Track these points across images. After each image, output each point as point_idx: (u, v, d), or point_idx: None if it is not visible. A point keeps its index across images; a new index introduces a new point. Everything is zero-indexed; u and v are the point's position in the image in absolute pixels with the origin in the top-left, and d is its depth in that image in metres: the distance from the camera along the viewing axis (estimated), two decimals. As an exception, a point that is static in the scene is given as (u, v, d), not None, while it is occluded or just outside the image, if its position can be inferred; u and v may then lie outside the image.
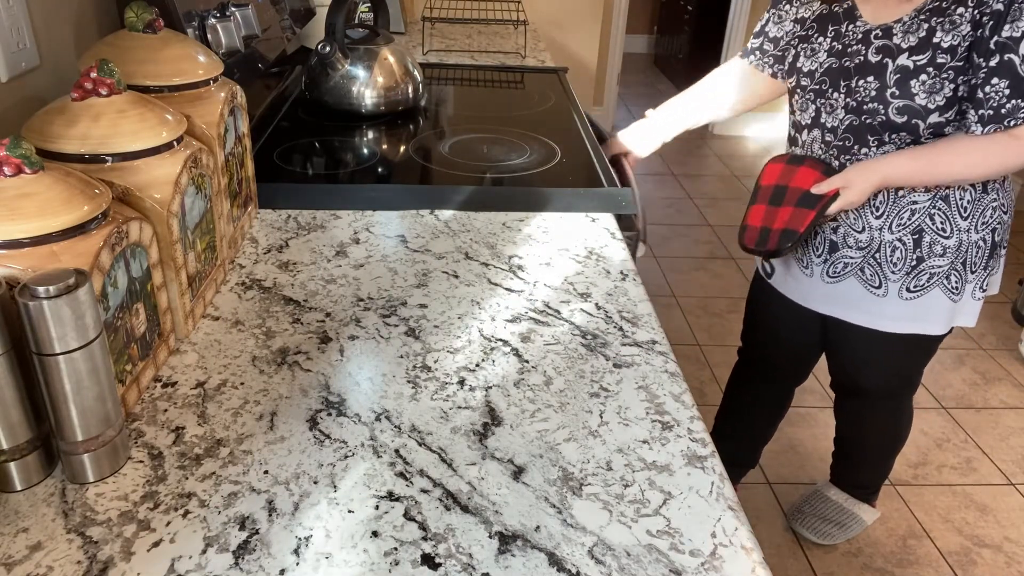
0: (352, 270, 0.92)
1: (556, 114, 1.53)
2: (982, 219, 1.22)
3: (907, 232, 1.23)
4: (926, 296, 1.27)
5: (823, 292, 1.36)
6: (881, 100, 1.15)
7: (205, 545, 0.54)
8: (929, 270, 1.25)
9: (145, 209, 0.70)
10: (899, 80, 1.13)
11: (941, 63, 1.10)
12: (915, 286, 1.27)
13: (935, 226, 1.22)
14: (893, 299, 1.28)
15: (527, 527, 0.57)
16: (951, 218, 1.21)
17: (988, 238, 1.24)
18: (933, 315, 1.29)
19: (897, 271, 1.26)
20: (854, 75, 1.18)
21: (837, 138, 1.23)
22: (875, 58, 1.15)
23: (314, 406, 0.69)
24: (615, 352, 0.78)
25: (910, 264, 1.25)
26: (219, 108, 0.87)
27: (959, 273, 1.26)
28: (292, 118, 1.40)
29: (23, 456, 0.58)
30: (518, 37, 2.28)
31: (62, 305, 0.52)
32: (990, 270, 1.29)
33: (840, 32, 1.21)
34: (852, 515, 1.78)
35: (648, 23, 6.33)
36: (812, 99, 1.26)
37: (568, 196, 1.11)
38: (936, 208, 1.21)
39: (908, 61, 1.12)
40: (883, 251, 1.25)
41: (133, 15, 0.85)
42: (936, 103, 1.11)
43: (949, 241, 1.22)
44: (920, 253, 1.24)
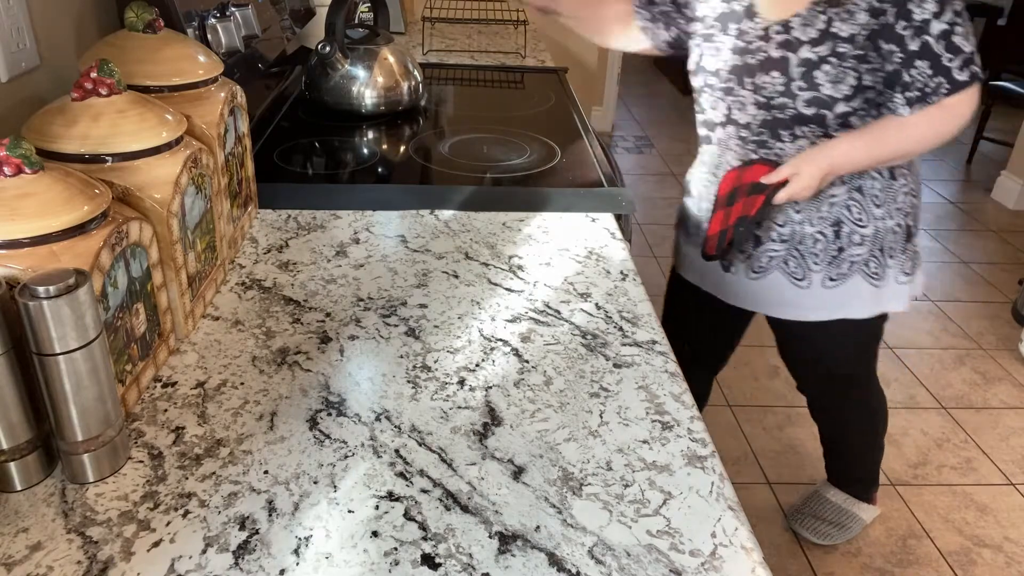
0: (352, 270, 0.92)
1: (556, 114, 1.53)
2: (895, 204, 1.26)
3: (827, 224, 1.25)
4: (847, 283, 1.30)
5: (747, 289, 1.37)
6: (788, 94, 1.16)
7: (205, 545, 0.54)
8: (849, 259, 1.28)
9: (145, 209, 0.70)
10: (804, 73, 1.15)
11: (842, 52, 1.12)
12: (836, 275, 1.29)
13: (852, 216, 1.25)
14: (816, 289, 1.31)
15: (527, 527, 0.57)
16: (867, 208, 1.25)
17: (903, 223, 1.28)
18: (856, 301, 1.32)
19: (819, 262, 1.28)
20: (758, 71, 1.19)
21: (753, 133, 1.23)
22: (777, 53, 1.16)
23: (314, 406, 0.69)
24: (615, 352, 0.78)
25: (831, 255, 1.28)
26: (219, 108, 0.87)
27: (878, 259, 1.29)
28: (292, 118, 1.40)
29: (23, 456, 0.58)
30: (518, 37, 2.28)
31: (62, 305, 0.52)
32: (910, 254, 1.32)
33: (741, 30, 1.21)
34: (851, 515, 1.78)
35: (648, 23, 6.31)
36: (721, 97, 1.26)
37: (568, 196, 1.11)
38: (852, 199, 1.24)
39: (810, 53, 1.14)
40: (805, 244, 1.28)
41: (133, 15, 0.85)
42: (843, 92, 1.14)
43: (866, 230, 1.26)
44: (840, 243, 1.27)
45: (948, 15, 1.08)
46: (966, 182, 4.13)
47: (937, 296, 2.93)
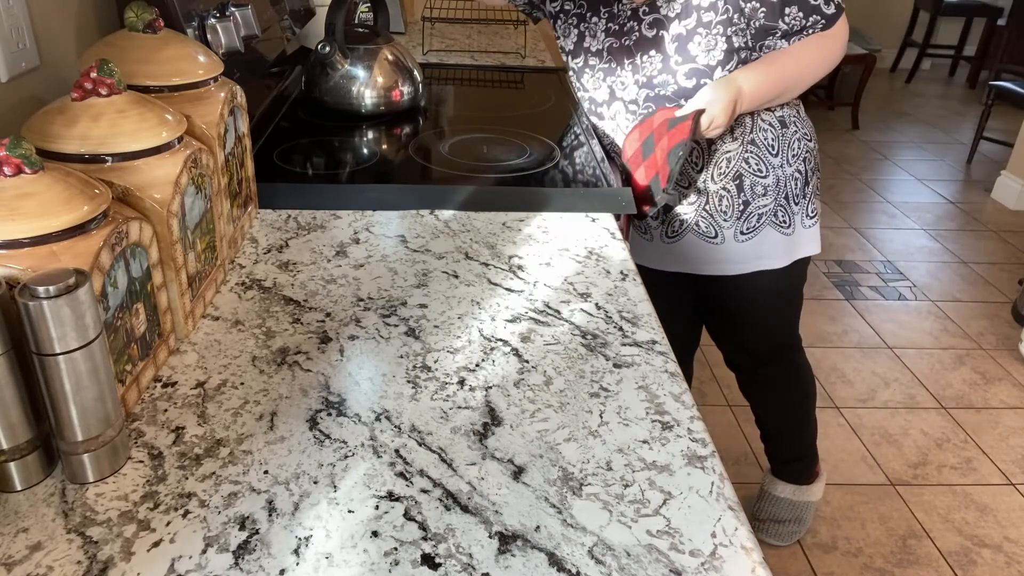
0: (352, 270, 0.92)
1: (556, 114, 1.53)
2: (791, 152, 1.30)
3: (728, 179, 1.29)
4: (759, 235, 1.33)
5: (666, 251, 1.41)
6: (668, 70, 1.21)
7: (205, 545, 0.54)
8: (757, 211, 1.31)
9: (145, 209, 0.70)
10: (678, 47, 1.20)
11: (708, 21, 1.18)
12: (747, 228, 1.33)
13: (752, 168, 1.28)
14: (731, 244, 1.34)
15: (527, 527, 0.57)
16: (764, 158, 1.29)
17: (802, 168, 1.32)
18: (770, 251, 1.35)
19: (728, 218, 1.32)
20: (635, 52, 1.24)
21: (641, 107, 1.27)
22: (650, 33, 1.22)
23: (314, 406, 0.69)
24: (615, 352, 0.78)
25: (738, 209, 1.31)
26: (219, 108, 0.87)
27: (784, 208, 1.33)
28: (292, 118, 1.40)
29: (23, 456, 0.58)
30: (518, 37, 2.27)
31: (62, 305, 0.52)
32: (810, 197, 1.37)
33: (612, 13, 1.26)
34: (804, 505, 1.79)
35: (648, 23, 6.31)
36: (603, 78, 1.31)
37: (568, 196, 1.11)
38: (749, 152, 1.28)
39: (680, 28, 1.19)
40: (711, 202, 1.31)
41: (133, 15, 0.85)
42: (716, 59, 1.19)
43: (767, 179, 1.29)
44: (745, 196, 1.30)
45: None
46: (966, 182, 4.13)
47: (937, 296, 2.93)
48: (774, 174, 1.29)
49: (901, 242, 3.37)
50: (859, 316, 2.77)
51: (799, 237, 1.37)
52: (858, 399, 2.32)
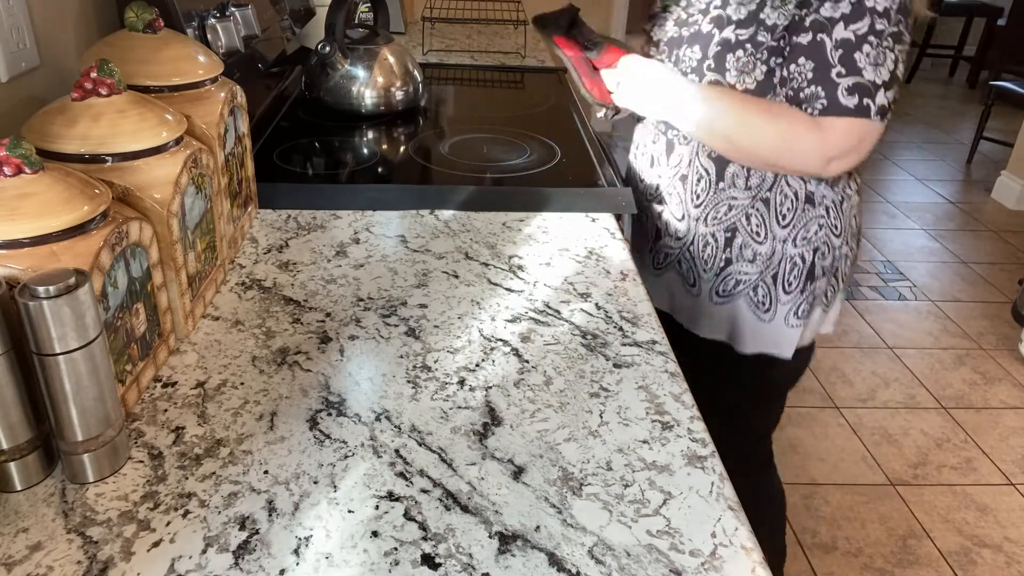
0: (352, 270, 0.92)
1: (556, 114, 1.53)
2: (804, 233, 1.10)
3: (720, 228, 1.12)
4: (731, 305, 1.15)
5: (654, 281, 1.25)
6: (698, 72, 1.07)
7: (205, 545, 0.54)
8: (736, 275, 1.13)
9: (145, 209, 0.70)
10: (717, 53, 1.05)
11: (760, 41, 1.01)
12: (722, 291, 1.15)
13: (750, 227, 1.11)
14: (705, 301, 1.18)
15: (527, 527, 0.57)
16: (768, 223, 1.10)
17: (808, 257, 1.11)
18: (737, 329, 1.17)
19: (708, 270, 1.15)
20: (684, 44, 1.10)
21: None
22: (707, 28, 1.07)
23: (314, 406, 0.69)
24: (615, 352, 0.78)
25: (719, 264, 1.14)
26: (219, 108, 0.87)
27: (768, 288, 1.12)
28: (292, 118, 1.40)
29: (23, 456, 0.58)
30: (518, 37, 2.27)
31: (62, 305, 0.52)
32: (810, 298, 1.14)
33: (690, 1, 1.13)
34: None
35: (648, 23, 6.31)
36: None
37: (568, 196, 1.11)
38: (755, 208, 1.10)
39: (732, 34, 1.04)
40: (696, 245, 1.15)
41: (133, 15, 0.85)
42: (746, 84, 1.03)
43: (762, 247, 1.11)
44: (729, 254, 1.12)
45: (863, 26, 0.93)
46: (966, 182, 4.13)
47: (937, 296, 2.93)
48: (771, 244, 1.10)
49: (901, 242, 3.38)
50: (859, 316, 2.77)
51: (775, 332, 1.15)
52: (858, 399, 2.32)
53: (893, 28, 0.94)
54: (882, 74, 0.94)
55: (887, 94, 0.96)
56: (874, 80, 0.94)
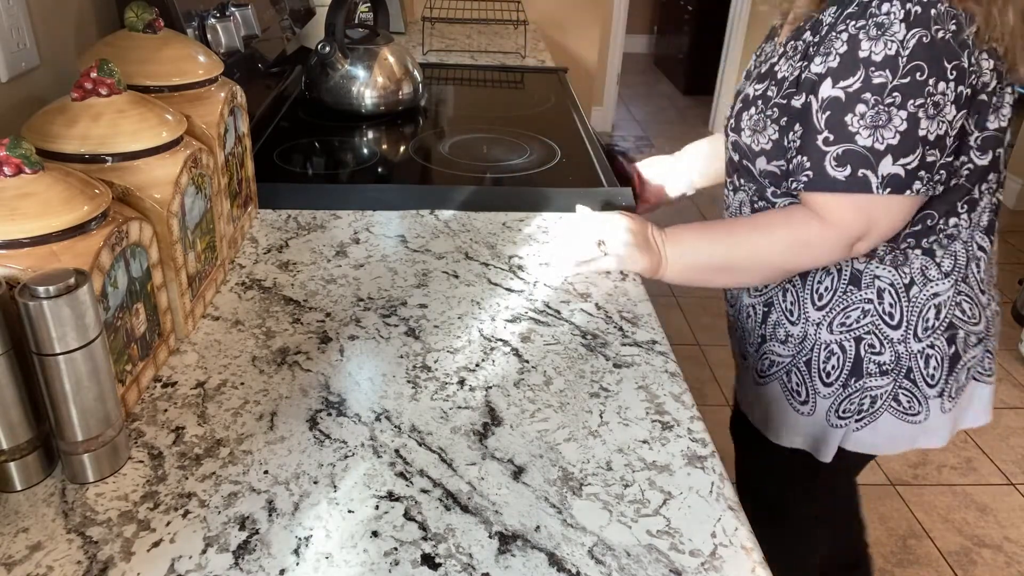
0: (352, 270, 0.92)
1: (556, 114, 1.53)
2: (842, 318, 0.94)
3: (760, 301, 1.01)
4: (768, 388, 1.03)
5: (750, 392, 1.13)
6: (726, 131, 0.99)
7: (205, 545, 0.54)
8: (770, 354, 1.00)
9: (145, 209, 0.70)
10: (738, 111, 0.94)
11: (769, 97, 0.89)
12: (760, 370, 1.03)
13: (784, 303, 0.98)
14: (750, 379, 1.05)
15: (527, 527, 0.57)
16: (801, 301, 0.96)
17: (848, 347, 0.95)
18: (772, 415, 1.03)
19: (750, 345, 1.04)
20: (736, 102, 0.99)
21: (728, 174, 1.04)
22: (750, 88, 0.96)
23: (314, 406, 0.69)
24: (615, 352, 0.78)
25: (756, 341, 1.03)
26: (219, 108, 0.87)
27: (800, 374, 0.98)
28: (292, 118, 1.40)
29: (23, 456, 0.58)
30: (518, 37, 2.27)
31: (62, 305, 0.52)
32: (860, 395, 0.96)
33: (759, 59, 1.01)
34: None
35: (648, 23, 6.33)
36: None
37: (568, 196, 1.11)
38: (792, 283, 0.97)
39: (750, 89, 0.93)
40: (742, 315, 1.06)
41: (133, 15, 0.85)
42: (760, 144, 0.90)
43: (794, 328, 0.98)
44: (764, 330, 1.01)
45: (855, 81, 0.78)
46: (966, 182, 4.12)
47: (937, 296, 2.93)
48: (803, 327, 0.96)
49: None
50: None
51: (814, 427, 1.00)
52: (858, 399, 2.32)
53: (903, 80, 0.76)
54: (885, 138, 0.78)
55: (902, 162, 0.78)
56: (871, 146, 0.79)
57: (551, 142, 1.32)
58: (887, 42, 0.76)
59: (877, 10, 0.77)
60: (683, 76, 5.40)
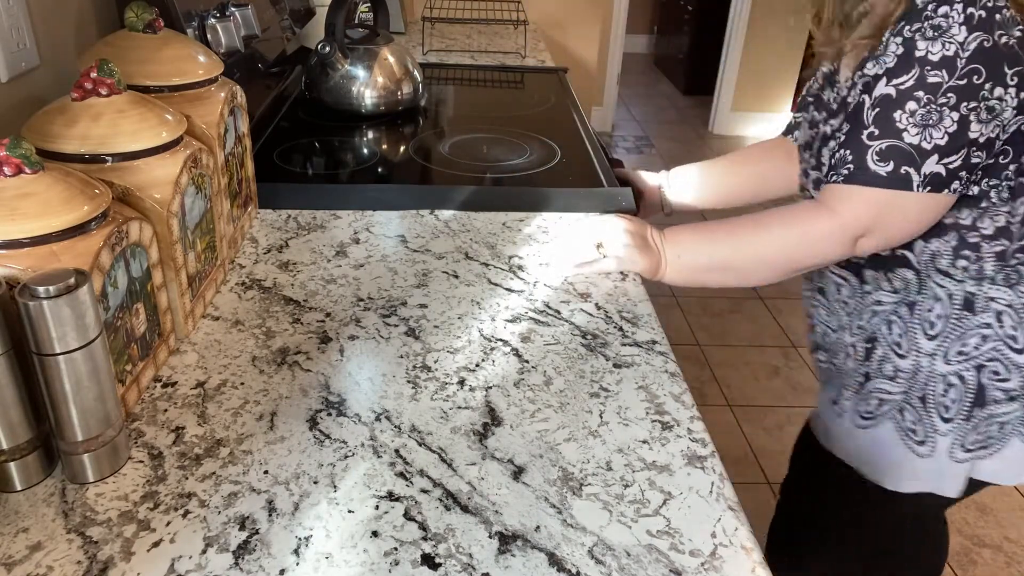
0: (352, 270, 0.92)
1: (556, 114, 1.53)
2: (960, 346, 0.88)
3: (861, 337, 0.96)
4: (878, 429, 0.95)
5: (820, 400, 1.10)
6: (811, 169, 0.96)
7: (205, 545, 0.54)
8: (877, 394, 0.94)
9: (145, 209, 0.70)
10: (819, 147, 0.93)
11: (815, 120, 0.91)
12: (866, 412, 0.96)
13: (890, 337, 0.92)
14: (847, 422, 1.00)
15: (527, 527, 0.57)
16: (912, 333, 0.91)
17: (971, 376, 0.89)
18: (883, 458, 0.96)
19: (848, 385, 0.98)
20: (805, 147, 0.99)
21: None
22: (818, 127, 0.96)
23: (314, 406, 0.69)
24: (615, 352, 0.78)
25: (858, 380, 0.96)
26: (219, 108, 0.87)
27: (916, 412, 0.92)
28: (292, 118, 1.40)
29: (23, 456, 0.58)
30: (518, 37, 2.27)
31: (62, 305, 0.52)
32: (977, 424, 0.90)
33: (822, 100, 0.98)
34: None
35: (648, 23, 6.33)
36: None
37: (568, 196, 1.11)
38: (897, 315, 0.92)
39: (826, 126, 0.92)
40: (837, 356, 1.01)
41: (133, 15, 0.85)
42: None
43: (903, 362, 0.91)
44: (868, 367, 0.95)
45: (909, 79, 0.77)
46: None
47: (937, 296, 2.92)
48: (915, 359, 0.90)
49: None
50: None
51: (933, 465, 0.92)
52: (858, 399, 2.32)
53: (959, 82, 0.75)
54: (933, 137, 0.77)
55: (946, 161, 0.77)
56: (918, 144, 0.77)
57: (551, 142, 1.32)
58: (945, 43, 0.75)
59: (933, 13, 0.76)
60: (683, 76, 5.40)
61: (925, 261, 0.88)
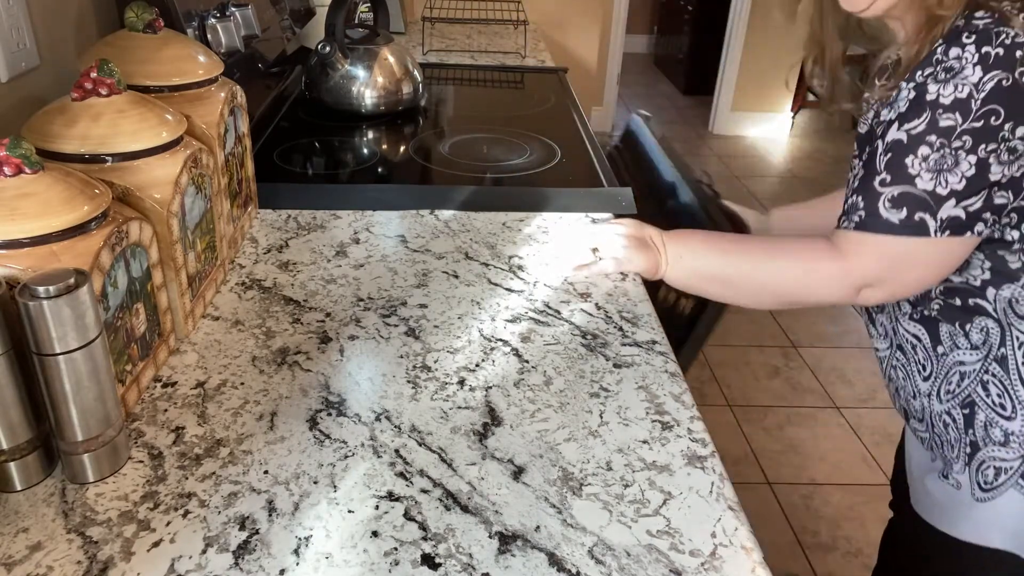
0: (352, 270, 0.92)
1: (556, 114, 1.53)
2: None
3: (956, 403, 0.87)
4: (1002, 499, 0.85)
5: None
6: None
7: (205, 545, 0.54)
8: (992, 462, 0.85)
9: (145, 209, 0.70)
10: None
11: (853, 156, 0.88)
12: (985, 483, 0.86)
13: (991, 399, 0.84)
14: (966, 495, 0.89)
15: (527, 527, 0.57)
16: (1014, 389, 0.82)
17: None
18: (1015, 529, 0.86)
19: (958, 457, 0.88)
20: None
21: None
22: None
23: (314, 406, 0.69)
24: (615, 352, 0.78)
25: (965, 449, 0.87)
26: (219, 108, 0.87)
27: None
28: (292, 118, 1.40)
29: (23, 456, 0.58)
30: (518, 37, 2.27)
31: (62, 305, 0.52)
32: None
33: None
34: None
35: (648, 23, 6.33)
36: None
37: (568, 196, 1.11)
38: (990, 373, 0.83)
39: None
40: (937, 426, 0.91)
41: (133, 15, 0.85)
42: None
43: (1012, 424, 0.83)
44: (973, 436, 0.86)
45: (921, 123, 0.74)
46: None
47: (937, 296, 2.92)
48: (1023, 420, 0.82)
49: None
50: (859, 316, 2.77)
51: None
52: (858, 399, 2.32)
53: (975, 124, 0.72)
54: (950, 183, 0.73)
55: (964, 204, 0.74)
56: (932, 190, 0.73)
57: (551, 142, 1.32)
58: (957, 85, 0.72)
59: (944, 56, 0.73)
60: (683, 76, 5.40)
61: (1003, 308, 0.81)
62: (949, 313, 0.84)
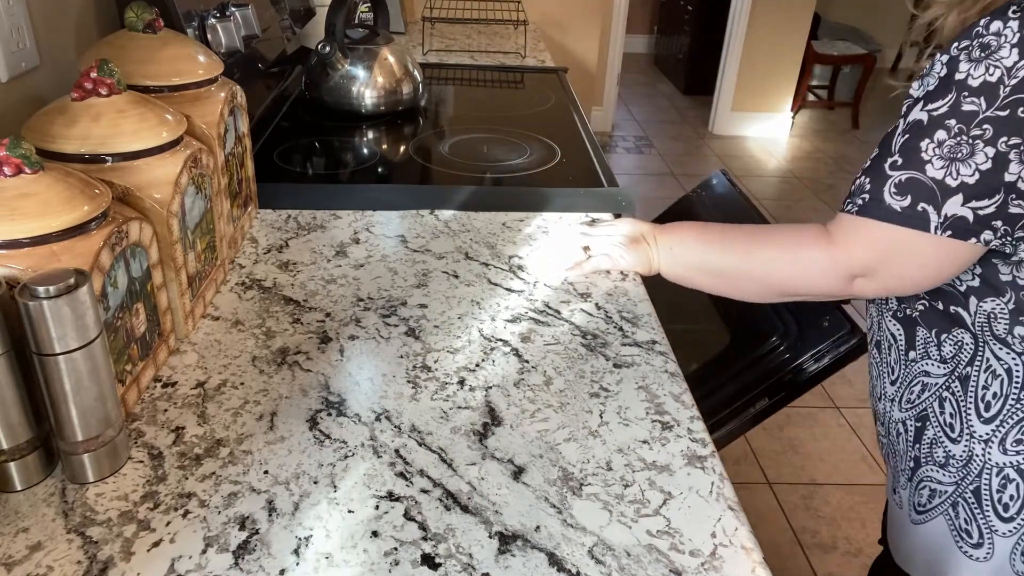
0: (352, 270, 0.92)
1: (556, 114, 1.53)
2: (1020, 434, 0.74)
3: (912, 415, 0.83)
4: (930, 525, 0.81)
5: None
6: None
7: (205, 545, 0.54)
8: (928, 481, 0.81)
9: (145, 209, 0.70)
10: None
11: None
12: (920, 505, 0.82)
13: (942, 417, 0.79)
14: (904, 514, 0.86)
15: (527, 527, 0.57)
16: (964, 413, 0.77)
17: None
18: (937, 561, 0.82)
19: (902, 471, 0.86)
20: None
21: None
22: None
23: (314, 406, 0.69)
24: (615, 352, 0.78)
25: (909, 464, 0.83)
26: (219, 108, 0.87)
27: (969, 510, 0.78)
28: (292, 118, 1.40)
29: (23, 456, 0.58)
30: (518, 37, 2.27)
31: (62, 305, 0.52)
32: None
33: None
34: None
35: (648, 23, 6.33)
36: None
37: (568, 196, 1.11)
38: (950, 391, 0.78)
39: None
40: (891, 433, 0.87)
41: (133, 15, 0.85)
42: None
43: (954, 447, 0.78)
44: (917, 452, 0.82)
45: (943, 105, 0.66)
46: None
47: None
48: (967, 445, 0.76)
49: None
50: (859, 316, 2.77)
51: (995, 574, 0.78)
52: (858, 399, 2.32)
53: (999, 113, 0.63)
54: (961, 173, 0.65)
55: (974, 204, 0.66)
56: (942, 179, 0.66)
57: (551, 142, 1.32)
58: (989, 66, 0.64)
59: (984, 29, 0.64)
60: (683, 76, 5.40)
61: (981, 323, 0.75)
62: (930, 317, 0.79)
